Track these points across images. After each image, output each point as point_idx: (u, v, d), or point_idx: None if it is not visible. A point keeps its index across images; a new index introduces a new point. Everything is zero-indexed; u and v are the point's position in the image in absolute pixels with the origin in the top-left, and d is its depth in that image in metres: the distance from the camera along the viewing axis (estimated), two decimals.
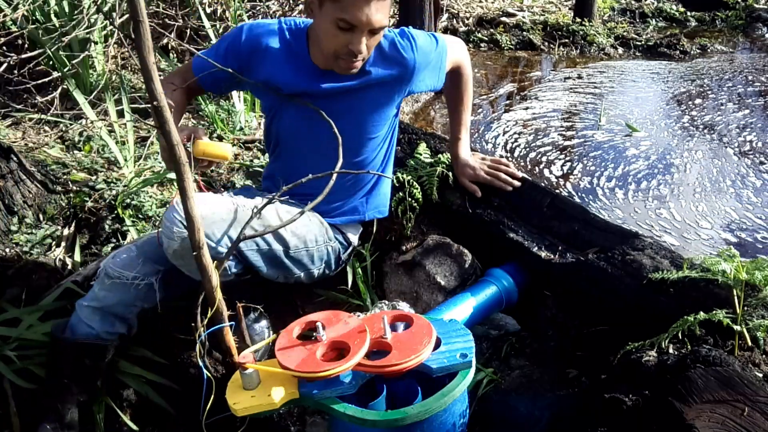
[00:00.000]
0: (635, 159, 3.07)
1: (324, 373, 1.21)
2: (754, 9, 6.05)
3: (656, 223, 2.52)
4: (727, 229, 2.48)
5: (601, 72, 4.54)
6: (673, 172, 2.93)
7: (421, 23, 3.97)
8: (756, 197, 2.71)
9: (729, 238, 2.42)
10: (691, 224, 2.50)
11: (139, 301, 1.60)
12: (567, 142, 3.29)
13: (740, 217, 2.56)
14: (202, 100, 3.10)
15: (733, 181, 2.85)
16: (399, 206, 2.00)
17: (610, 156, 3.11)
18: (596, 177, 2.90)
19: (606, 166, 3.00)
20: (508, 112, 3.73)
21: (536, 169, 3.00)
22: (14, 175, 2.19)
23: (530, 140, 3.30)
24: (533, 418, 1.52)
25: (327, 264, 1.80)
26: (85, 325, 1.56)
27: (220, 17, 4.11)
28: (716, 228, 2.49)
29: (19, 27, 3.17)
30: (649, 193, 2.75)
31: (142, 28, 1.04)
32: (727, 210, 2.60)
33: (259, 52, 1.64)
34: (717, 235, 2.44)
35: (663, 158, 3.07)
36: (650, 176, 2.89)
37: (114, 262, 1.58)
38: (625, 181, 2.86)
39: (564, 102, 3.89)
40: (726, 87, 4.16)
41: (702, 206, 2.63)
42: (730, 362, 1.26)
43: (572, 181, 2.88)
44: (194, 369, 1.69)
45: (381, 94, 1.68)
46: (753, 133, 3.38)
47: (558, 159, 3.08)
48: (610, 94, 4.04)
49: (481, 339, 1.81)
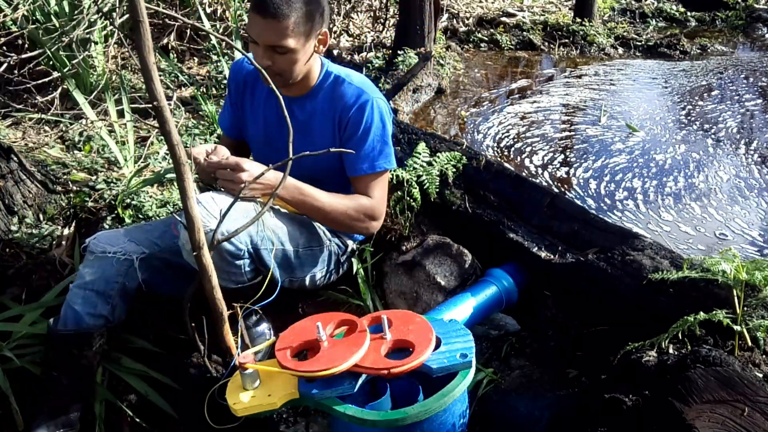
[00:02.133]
0: (635, 159, 3.07)
1: (324, 373, 1.21)
2: (754, 9, 6.05)
3: (657, 224, 2.52)
4: (725, 229, 2.48)
5: (600, 72, 4.54)
6: (673, 172, 2.93)
7: (421, 23, 3.97)
8: (756, 198, 2.71)
9: (730, 239, 2.42)
10: (691, 224, 2.50)
11: (120, 277, 1.61)
12: (567, 140, 3.29)
13: (740, 217, 2.56)
14: (202, 100, 3.10)
15: (733, 181, 2.85)
16: (397, 205, 2.00)
17: (611, 156, 3.11)
18: (596, 177, 2.90)
19: (606, 165, 3.00)
20: (501, 112, 3.73)
21: (536, 170, 3.00)
22: (14, 175, 2.19)
23: (529, 140, 3.30)
24: (533, 418, 1.52)
25: (328, 266, 1.81)
26: (70, 310, 1.58)
27: (220, 17, 4.11)
28: (716, 228, 2.49)
29: (19, 27, 3.17)
30: (649, 193, 2.75)
31: (142, 28, 1.04)
32: (728, 211, 2.60)
33: (240, 81, 1.77)
34: (713, 237, 2.44)
35: (663, 158, 3.07)
36: (650, 176, 2.89)
37: (98, 239, 1.63)
38: (625, 181, 2.86)
39: (564, 102, 3.89)
40: (726, 87, 4.16)
41: (702, 206, 2.63)
42: (730, 362, 1.26)
43: (572, 182, 2.88)
44: (194, 369, 1.69)
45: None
46: (753, 133, 3.38)
47: (558, 159, 3.08)
48: (610, 94, 4.04)
49: (481, 339, 1.81)
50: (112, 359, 1.71)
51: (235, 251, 1.50)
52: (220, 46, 3.69)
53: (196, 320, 1.56)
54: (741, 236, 2.43)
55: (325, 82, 1.65)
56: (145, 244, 1.64)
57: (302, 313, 1.88)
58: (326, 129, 1.67)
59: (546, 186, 2.63)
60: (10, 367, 1.66)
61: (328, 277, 1.85)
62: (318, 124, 1.68)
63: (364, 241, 1.97)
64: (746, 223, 2.51)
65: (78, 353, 1.57)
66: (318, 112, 1.67)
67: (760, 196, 2.71)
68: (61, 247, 2.12)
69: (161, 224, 1.73)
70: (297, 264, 1.70)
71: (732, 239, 2.42)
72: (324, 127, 1.67)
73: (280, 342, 1.32)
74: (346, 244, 1.88)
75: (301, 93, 1.66)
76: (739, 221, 2.52)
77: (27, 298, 1.86)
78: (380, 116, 1.64)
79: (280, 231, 1.64)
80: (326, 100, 1.65)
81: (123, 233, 1.66)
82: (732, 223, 2.53)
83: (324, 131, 1.67)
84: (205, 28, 2.30)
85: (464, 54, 4.92)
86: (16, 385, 1.66)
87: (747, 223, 2.50)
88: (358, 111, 1.61)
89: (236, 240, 1.49)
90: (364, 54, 4.37)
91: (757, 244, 2.39)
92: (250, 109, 1.77)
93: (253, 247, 1.54)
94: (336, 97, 1.64)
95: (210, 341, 1.56)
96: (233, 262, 1.52)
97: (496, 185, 2.11)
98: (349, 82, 1.64)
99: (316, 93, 1.66)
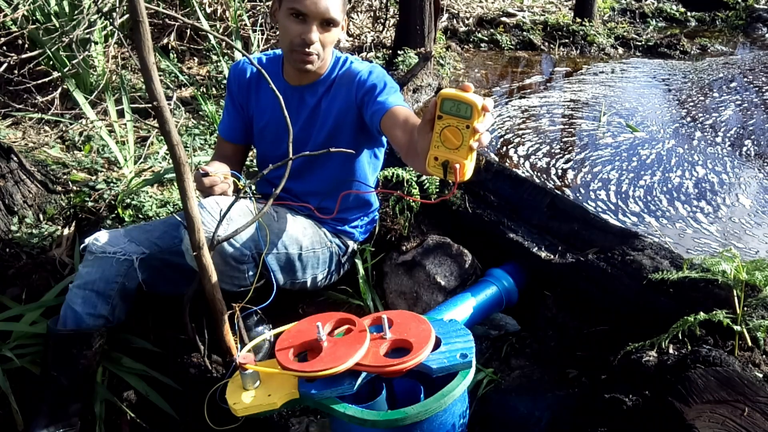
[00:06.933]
0: (635, 159, 3.07)
1: (324, 373, 1.21)
2: (754, 9, 6.05)
3: (659, 225, 2.52)
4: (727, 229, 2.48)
5: (600, 72, 4.54)
6: (673, 173, 2.93)
7: (421, 23, 3.97)
8: (756, 198, 2.71)
9: (729, 239, 2.42)
10: (689, 223, 2.50)
11: (120, 277, 1.61)
12: (567, 140, 3.29)
13: (739, 218, 2.56)
14: (202, 100, 3.10)
15: (732, 181, 2.85)
16: (397, 205, 2.00)
17: (611, 157, 3.11)
18: (595, 178, 2.90)
19: (605, 166, 3.00)
20: (501, 112, 3.73)
21: (536, 171, 3.00)
22: (14, 175, 2.19)
23: (529, 140, 3.30)
24: (533, 418, 1.52)
25: (329, 267, 1.82)
26: (70, 310, 1.58)
27: (220, 17, 4.11)
28: (714, 229, 2.49)
29: (19, 27, 3.17)
30: (649, 195, 2.75)
31: (142, 28, 1.04)
32: (727, 211, 2.60)
33: (243, 82, 1.77)
34: (715, 238, 2.44)
35: (663, 158, 3.07)
36: (649, 177, 2.89)
37: (98, 239, 1.63)
38: (625, 182, 2.86)
39: (564, 101, 3.89)
40: (726, 87, 4.16)
41: (701, 205, 2.63)
42: (730, 362, 1.26)
43: (572, 183, 2.88)
44: (194, 369, 1.69)
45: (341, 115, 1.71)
46: (753, 134, 3.38)
47: (558, 160, 3.08)
48: (609, 94, 4.04)
49: (481, 339, 1.81)
50: (112, 359, 1.71)
51: (240, 256, 1.50)
52: (220, 46, 3.69)
53: (196, 320, 1.57)
54: (740, 238, 2.43)
55: (337, 65, 1.69)
56: (145, 244, 1.65)
57: (302, 313, 1.88)
58: (340, 103, 1.67)
59: (546, 186, 2.64)
60: (10, 367, 1.67)
61: (329, 278, 1.86)
62: (330, 100, 1.68)
63: (364, 241, 1.97)
64: (745, 222, 2.51)
65: (77, 353, 1.57)
66: (332, 91, 1.67)
67: (761, 197, 2.71)
68: (61, 247, 2.12)
69: (161, 224, 1.73)
70: (299, 267, 1.71)
71: (740, 237, 2.42)
72: (337, 102, 1.67)
73: (280, 342, 1.32)
74: (347, 245, 1.88)
75: (314, 79, 1.67)
76: (738, 222, 2.52)
77: (27, 298, 1.86)
78: (391, 78, 1.67)
79: (283, 235, 1.65)
80: (341, 77, 1.67)
81: (123, 233, 1.66)
82: (741, 223, 2.52)
83: (338, 105, 1.67)
84: (205, 28, 2.31)
85: (464, 54, 4.92)
86: (16, 385, 1.66)
87: (744, 223, 2.50)
88: (371, 73, 1.64)
89: (241, 245, 1.49)
90: (364, 54, 4.37)
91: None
92: (256, 106, 1.77)
93: (257, 251, 1.54)
94: (349, 74, 1.66)
95: (210, 341, 1.57)
96: (237, 266, 1.52)
97: (496, 185, 2.11)
98: (358, 61, 1.71)
99: (330, 74, 1.68)
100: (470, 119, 1.05)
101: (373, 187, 1.85)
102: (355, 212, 1.86)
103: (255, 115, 1.79)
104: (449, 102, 1.06)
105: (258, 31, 3.85)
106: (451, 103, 1.06)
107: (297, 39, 1.53)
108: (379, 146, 1.82)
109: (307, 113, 1.70)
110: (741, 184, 2.82)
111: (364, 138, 1.71)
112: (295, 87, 1.69)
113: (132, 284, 1.64)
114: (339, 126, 1.67)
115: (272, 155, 1.76)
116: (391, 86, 1.61)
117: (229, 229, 1.43)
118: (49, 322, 1.60)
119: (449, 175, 1.11)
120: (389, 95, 1.56)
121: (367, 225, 1.94)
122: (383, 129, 1.52)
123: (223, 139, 1.85)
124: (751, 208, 2.63)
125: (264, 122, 1.77)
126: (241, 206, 1.54)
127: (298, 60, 1.57)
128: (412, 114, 1.47)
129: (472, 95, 1.04)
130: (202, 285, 1.39)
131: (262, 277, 1.61)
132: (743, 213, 2.60)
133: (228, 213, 1.40)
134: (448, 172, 1.10)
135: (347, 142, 1.68)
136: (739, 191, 2.76)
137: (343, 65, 1.69)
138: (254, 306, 1.52)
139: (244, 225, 1.37)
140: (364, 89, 1.61)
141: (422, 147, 1.14)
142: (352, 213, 1.86)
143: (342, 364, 1.22)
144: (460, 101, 1.05)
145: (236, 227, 1.42)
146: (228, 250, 1.47)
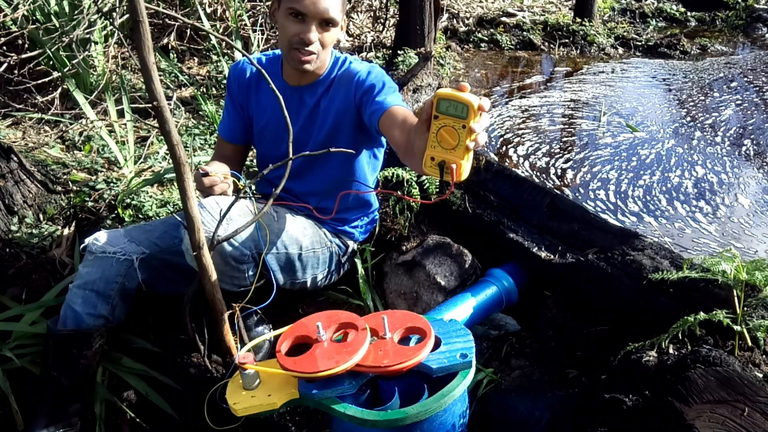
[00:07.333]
0: (634, 159, 3.07)
1: (324, 373, 1.21)
2: (754, 9, 6.05)
3: (659, 225, 2.52)
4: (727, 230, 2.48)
5: (600, 72, 4.54)
6: (672, 173, 2.93)
7: (421, 23, 3.97)
8: (755, 198, 2.71)
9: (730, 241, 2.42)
10: (689, 224, 2.50)
11: (120, 277, 1.61)
12: (567, 140, 3.29)
13: (738, 218, 2.56)
14: (202, 100, 3.10)
15: (731, 181, 2.85)
16: (397, 205, 2.00)
17: (610, 156, 3.11)
18: (594, 177, 2.90)
19: (605, 166, 3.00)
20: (501, 111, 3.73)
21: (535, 171, 3.00)
22: (14, 175, 2.19)
23: (529, 140, 3.30)
24: (533, 418, 1.52)
25: (329, 267, 1.82)
26: (70, 310, 1.58)
27: (220, 17, 4.11)
28: (715, 229, 2.49)
29: (19, 27, 3.17)
30: (648, 195, 2.75)
31: (142, 28, 1.04)
32: (727, 211, 2.60)
33: (243, 82, 1.77)
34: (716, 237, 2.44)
35: (662, 158, 3.07)
36: (648, 176, 2.89)
37: (98, 239, 1.63)
38: (624, 182, 2.86)
39: (564, 101, 3.89)
40: (726, 87, 4.16)
41: (700, 205, 2.63)
42: (730, 362, 1.26)
43: (571, 183, 2.88)
44: (194, 369, 1.69)
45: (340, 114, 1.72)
46: (753, 134, 3.38)
47: (557, 159, 3.08)
48: (609, 94, 4.04)
49: (481, 339, 1.81)
50: (112, 359, 1.71)
51: (240, 256, 1.50)
52: (220, 46, 3.69)
53: (196, 320, 1.57)
54: (740, 238, 2.43)
55: (336, 65, 1.69)
56: (145, 244, 1.65)
57: (302, 313, 1.88)
58: (339, 103, 1.67)
59: (546, 186, 2.64)
60: (10, 367, 1.67)
61: (329, 278, 1.86)
62: (330, 100, 1.68)
63: (364, 241, 1.97)
64: (745, 221, 2.51)
65: (77, 353, 1.57)
66: (331, 91, 1.68)
67: (760, 197, 2.71)
68: (61, 247, 2.12)
69: (161, 224, 1.73)
70: (299, 267, 1.71)
71: (744, 239, 2.42)
72: (336, 102, 1.67)
73: (280, 342, 1.32)
74: (347, 245, 1.88)
75: (313, 80, 1.67)
76: (748, 220, 2.52)
77: (27, 298, 1.86)
78: (390, 78, 1.67)
79: (283, 235, 1.65)
80: (340, 77, 1.68)
81: (123, 233, 1.66)
82: (741, 223, 2.52)
83: (337, 105, 1.68)
84: (205, 28, 2.31)
85: (464, 54, 4.92)
86: (16, 385, 1.66)
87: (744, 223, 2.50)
88: (369, 73, 1.64)
89: (241, 245, 1.49)
90: (364, 54, 4.37)
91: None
92: (256, 106, 1.77)
93: (257, 251, 1.54)
94: (348, 74, 1.67)
95: (210, 341, 1.57)
96: (237, 266, 1.52)
97: (495, 185, 2.11)
98: (357, 61, 1.71)
99: (329, 74, 1.68)
100: (466, 119, 1.05)
101: (372, 187, 1.85)
102: (355, 212, 1.86)
103: (255, 116, 1.79)
104: (445, 102, 1.06)
105: (258, 31, 3.85)
106: (448, 102, 1.06)
107: (296, 39, 1.53)
108: (379, 146, 1.82)
109: (307, 113, 1.70)
110: (740, 184, 2.82)
111: (363, 138, 1.71)
112: (295, 87, 1.69)
113: (132, 284, 1.64)
114: (338, 126, 1.67)
115: (272, 155, 1.76)
116: (390, 86, 1.61)
117: (229, 229, 1.43)
118: (49, 322, 1.60)
119: (446, 176, 1.10)
120: (388, 95, 1.56)
121: (367, 225, 1.94)
122: (382, 129, 1.52)
123: (223, 139, 1.85)
124: (750, 208, 2.63)
125: (264, 122, 1.77)
126: (241, 206, 1.54)
127: (296, 60, 1.57)
128: (410, 114, 1.47)
129: (468, 95, 1.04)
130: (202, 285, 1.39)
131: (262, 277, 1.61)
132: (742, 213, 2.59)
133: (228, 213, 1.40)
134: (445, 173, 1.10)
135: (347, 142, 1.68)
136: (738, 191, 2.76)
137: (342, 65, 1.69)
138: (254, 306, 1.52)
139: (244, 225, 1.37)
140: (363, 89, 1.60)
141: (419, 147, 1.14)
142: (352, 213, 1.86)
143: (342, 365, 1.22)
144: (457, 101, 1.05)
145: (236, 227, 1.42)
146: (228, 250, 1.47)
